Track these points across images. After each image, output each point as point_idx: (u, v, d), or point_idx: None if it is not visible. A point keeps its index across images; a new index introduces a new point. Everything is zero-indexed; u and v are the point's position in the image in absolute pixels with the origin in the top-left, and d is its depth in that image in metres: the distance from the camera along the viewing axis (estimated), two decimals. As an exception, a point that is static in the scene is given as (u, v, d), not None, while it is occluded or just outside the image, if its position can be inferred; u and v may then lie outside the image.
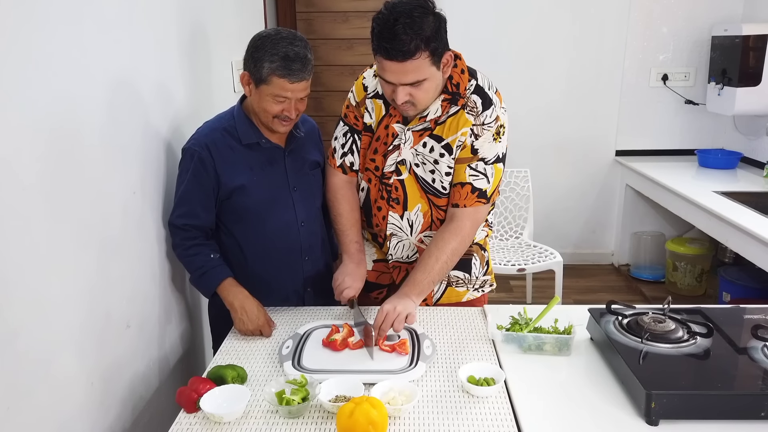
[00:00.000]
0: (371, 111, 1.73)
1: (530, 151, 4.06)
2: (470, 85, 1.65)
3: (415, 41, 1.45)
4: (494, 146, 1.67)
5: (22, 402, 1.12)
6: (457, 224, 1.68)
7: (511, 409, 1.31)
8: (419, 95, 1.56)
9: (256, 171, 1.72)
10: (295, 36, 1.62)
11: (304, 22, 3.93)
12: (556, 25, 3.95)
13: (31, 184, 1.14)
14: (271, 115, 1.64)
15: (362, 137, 1.77)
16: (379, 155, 1.74)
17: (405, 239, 1.80)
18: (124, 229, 1.52)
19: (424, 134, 1.67)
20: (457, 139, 1.65)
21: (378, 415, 1.19)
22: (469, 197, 1.68)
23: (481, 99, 1.64)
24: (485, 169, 1.67)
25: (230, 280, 1.70)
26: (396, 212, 1.76)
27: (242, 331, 1.65)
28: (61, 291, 1.25)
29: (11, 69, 1.08)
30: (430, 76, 1.53)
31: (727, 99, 3.54)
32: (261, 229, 1.75)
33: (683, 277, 3.79)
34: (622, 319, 1.48)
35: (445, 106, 1.64)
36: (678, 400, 1.20)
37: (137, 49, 1.62)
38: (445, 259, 1.66)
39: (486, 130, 1.64)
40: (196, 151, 1.67)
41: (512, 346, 1.55)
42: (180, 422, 1.30)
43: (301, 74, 1.59)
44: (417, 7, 1.47)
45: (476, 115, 1.63)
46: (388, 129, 1.70)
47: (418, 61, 1.48)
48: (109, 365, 1.45)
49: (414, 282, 1.64)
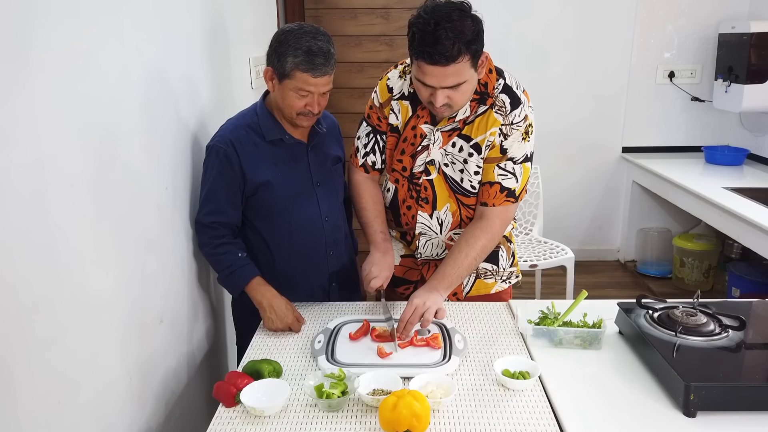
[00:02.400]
0: (397, 112, 1.74)
1: (537, 147, 4.04)
2: (498, 84, 1.65)
3: (457, 45, 1.45)
4: (523, 146, 1.68)
5: (71, 397, 1.13)
6: (487, 222, 1.69)
7: (548, 402, 1.33)
8: (457, 97, 1.56)
9: (280, 167, 1.73)
10: (318, 30, 1.62)
11: (313, 19, 3.92)
12: (564, 24, 3.97)
13: (78, 181, 1.15)
14: (295, 110, 1.65)
15: (388, 138, 1.78)
16: (407, 156, 1.74)
17: (434, 238, 1.81)
18: (157, 224, 1.53)
19: (453, 134, 1.68)
20: (486, 139, 1.66)
21: (421, 407, 1.20)
22: (498, 196, 1.69)
23: (510, 98, 1.65)
24: (514, 169, 1.69)
25: (258, 278, 1.71)
26: (425, 212, 1.77)
27: (271, 329, 1.66)
28: (105, 287, 1.26)
29: (58, 66, 1.09)
30: (469, 78, 1.54)
31: (734, 96, 3.57)
32: (286, 224, 1.76)
33: (690, 273, 3.82)
34: (653, 312, 1.50)
35: (473, 105, 1.65)
36: (716, 391, 1.22)
37: (168, 45, 1.62)
38: (474, 255, 1.67)
39: (515, 130, 1.65)
40: (221, 148, 1.67)
41: (542, 341, 1.57)
42: (220, 416, 1.31)
43: (324, 68, 1.59)
44: (456, 11, 1.47)
45: (504, 115, 1.64)
46: (416, 130, 1.71)
47: (460, 64, 1.48)
48: (145, 360, 1.46)
49: (443, 275, 1.64)
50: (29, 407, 1.01)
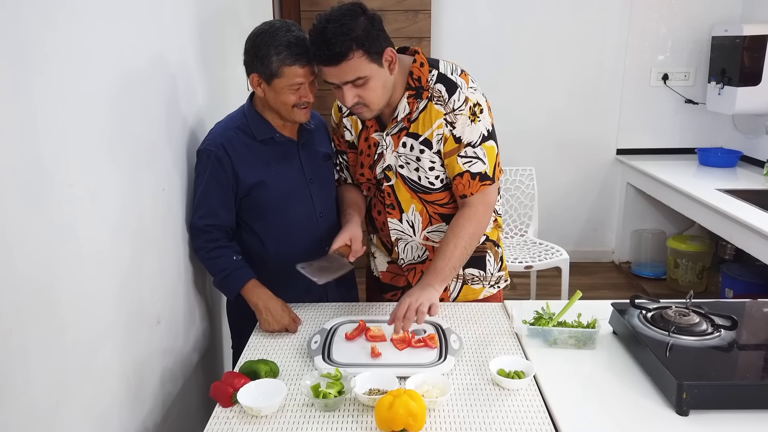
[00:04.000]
0: (350, 128, 1.80)
1: (532, 149, 4.10)
2: (432, 76, 1.65)
3: (345, 42, 1.48)
4: (475, 127, 1.66)
5: (69, 396, 1.13)
6: (471, 209, 1.70)
7: (542, 401, 1.34)
8: (367, 95, 1.57)
9: (273, 166, 1.74)
10: (288, 23, 1.64)
11: (309, 21, 3.93)
12: (558, 26, 4.00)
13: (76, 181, 1.15)
14: (291, 105, 1.66)
15: (348, 155, 1.85)
16: (366, 168, 1.79)
17: (411, 241, 1.82)
18: (153, 225, 1.54)
19: (401, 135, 1.70)
20: (434, 133, 1.66)
21: (417, 407, 1.21)
22: (473, 184, 1.69)
23: (445, 86, 1.64)
24: (475, 153, 1.68)
25: (254, 281, 1.72)
26: (394, 217, 1.80)
27: (268, 330, 1.67)
28: (103, 286, 1.27)
29: (57, 66, 1.09)
30: (373, 74, 1.54)
31: (728, 98, 3.60)
32: (281, 222, 1.77)
33: (684, 274, 3.84)
34: (646, 312, 1.51)
35: (412, 102, 1.66)
36: (709, 390, 1.23)
37: (164, 47, 1.63)
38: (463, 244, 1.66)
39: (459, 115, 1.64)
40: (212, 151, 1.68)
41: (537, 341, 1.58)
42: (217, 416, 1.31)
43: (308, 56, 1.60)
44: (347, 12, 1.50)
45: (444, 104, 1.64)
46: (369, 140, 1.75)
47: (353, 61, 1.50)
48: (142, 361, 1.46)
49: (435, 270, 1.64)
50: (27, 407, 1.01)
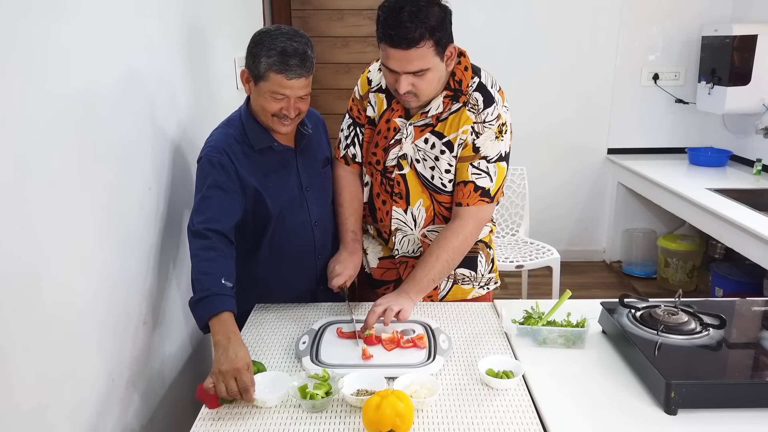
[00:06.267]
0: (374, 104, 1.75)
1: (523, 149, 4.08)
2: (473, 83, 1.66)
3: (420, 29, 1.46)
4: (496, 144, 1.67)
5: (51, 398, 1.12)
6: (461, 223, 1.69)
7: (531, 401, 1.33)
8: (422, 86, 1.56)
9: (270, 176, 1.69)
10: (297, 32, 1.57)
11: (300, 20, 3.93)
12: (549, 26, 4.00)
13: (59, 180, 1.14)
14: (270, 113, 1.58)
15: (365, 130, 1.78)
16: (380, 149, 1.74)
17: (410, 234, 1.81)
18: (139, 225, 1.52)
19: (425, 130, 1.68)
20: (458, 137, 1.66)
21: (405, 407, 1.20)
22: (472, 196, 1.68)
23: (483, 97, 1.65)
24: (488, 168, 1.68)
25: (229, 314, 1.43)
26: (399, 207, 1.77)
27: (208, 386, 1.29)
28: (87, 286, 1.25)
29: (39, 64, 1.08)
30: (434, 67, 1.54)
31: (718, 98, 3.61)
32: (276, 231, 1.73)
33: (675, 273, 3.85)
34: (635, 312, 1.51)
35: (447, 102, 1.65)
36: (697, 389, 1.23)
37: (149, 44, 1.61)
38: (446, 257, 1.66)
39: (487, 128, 1.65)
40: (215, 157, 1.59)
41: (526, 340, 1.57)
42: (203, 418, 1.30)
43: (299, 71, 1.53)
44: None
45: (477, 113, 1.64)
46: (390, 123, 1.71)
47: (422, 49, 1.49)
48: (128, 362, 1.45)
49: (414, 279, 1.64)
50: (8, 409, 0.99)
